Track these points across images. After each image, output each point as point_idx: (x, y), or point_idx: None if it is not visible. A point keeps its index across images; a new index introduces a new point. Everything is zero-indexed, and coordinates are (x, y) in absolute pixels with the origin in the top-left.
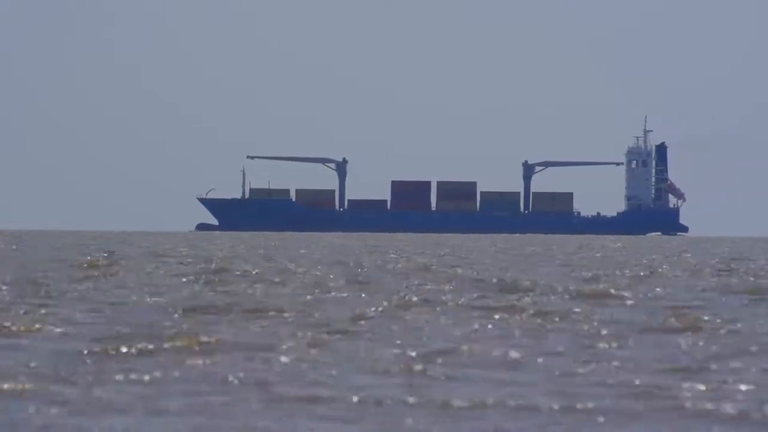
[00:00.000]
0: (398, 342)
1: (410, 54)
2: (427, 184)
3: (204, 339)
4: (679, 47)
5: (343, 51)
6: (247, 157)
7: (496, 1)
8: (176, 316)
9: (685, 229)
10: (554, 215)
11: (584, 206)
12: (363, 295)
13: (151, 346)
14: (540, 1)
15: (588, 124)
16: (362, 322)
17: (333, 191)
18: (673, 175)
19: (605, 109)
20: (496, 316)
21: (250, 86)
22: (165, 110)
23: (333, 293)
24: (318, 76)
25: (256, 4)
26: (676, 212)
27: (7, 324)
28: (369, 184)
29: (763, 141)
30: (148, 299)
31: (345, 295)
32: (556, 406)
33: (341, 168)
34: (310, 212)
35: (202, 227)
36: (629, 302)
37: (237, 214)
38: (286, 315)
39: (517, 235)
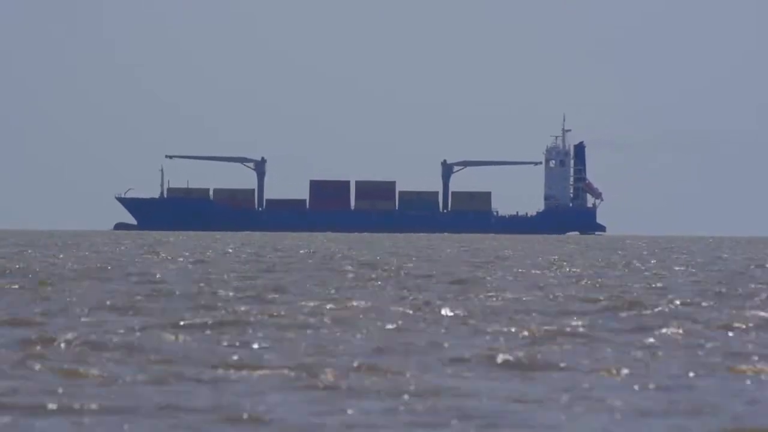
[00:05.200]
0: None
1: (328, 54)
2: (346, 183)
3: None
4: (599, 48)
5: (261, 51)
6: (166, 156)
7: (413, 3)
8: None
9: (602, 228)
10: (473, 215)
11: (503, 205)
12: None
13: None
14: (458, 3)
15: (506, 124)
16: None
17: (252, 190)
18: (591, 174)
19: (524, 108)
20: None
21: (169, 86)
22: (83, 108)
23: None
24: (236, 76)
25: (177, 6)
26: (593, 212)
27: None
28: (288, 184)
29: (680, 141)
30: None
31: None
32: None
33: (260, 167)
34: (229, 212)
35: (121, 227)
36: None
37: (155, 213)
38: None
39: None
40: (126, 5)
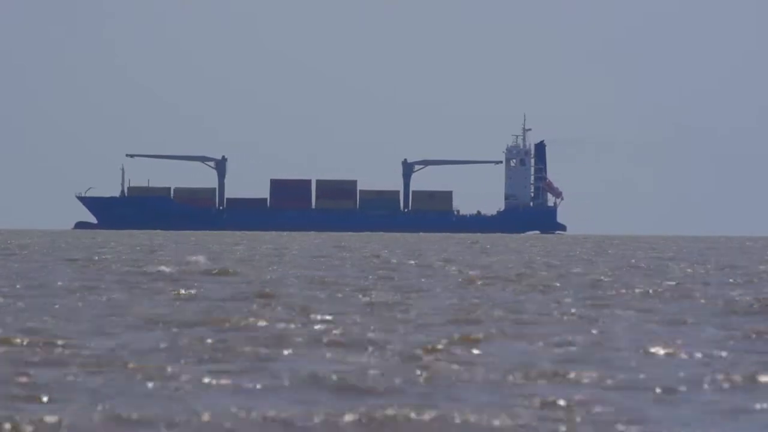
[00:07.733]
0: None
1: (288, 52)
2: (307, 182)
3: None
4: (561, 46)
5: (224, 51)
6: (127, 155)
7: (373, 3)
8: None
9: (563, 227)
10: (434, 214)
11: (464, 205)
12: None
13: None
14: (418, 3)
15: (467, 123)
16: None
17: (213, 189)
18: (552, 173)
19: (485, 107)
20: None
21: (131, 84)
22: (42, 107)
23: None
24: (198, 75)
25: (143, 5)
26: (553, 211)
27: None
28: (249, 183)
29: (644, 140)
30: None
31: None
32: None
33: (221, 166)
34: (189, 211)
35: (81, 226)
36: None
37: (116, 212)
38: None
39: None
40: (103, 4)
